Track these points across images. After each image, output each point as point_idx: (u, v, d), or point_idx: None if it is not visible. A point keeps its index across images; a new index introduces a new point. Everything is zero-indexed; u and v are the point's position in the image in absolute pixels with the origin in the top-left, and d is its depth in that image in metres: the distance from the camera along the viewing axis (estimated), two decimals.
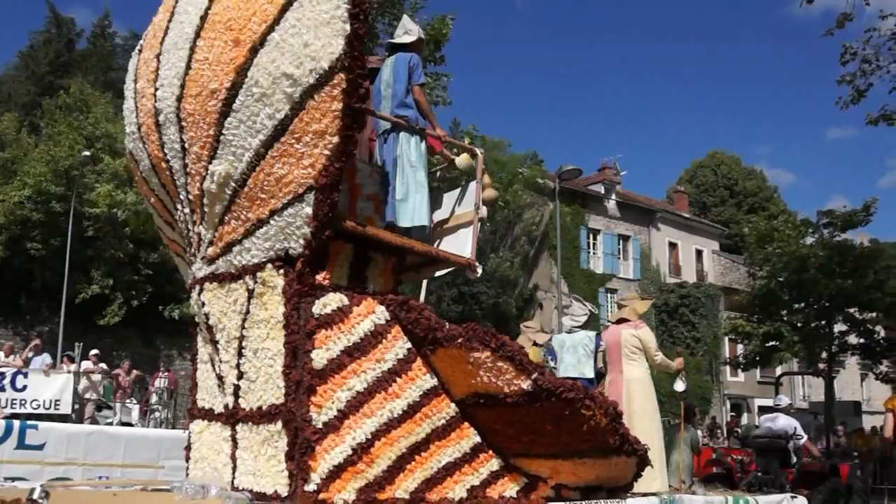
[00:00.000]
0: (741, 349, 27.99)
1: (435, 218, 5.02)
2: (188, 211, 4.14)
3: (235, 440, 4.12)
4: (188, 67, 3.84)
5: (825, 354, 22.97)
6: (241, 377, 4.03)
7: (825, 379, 23.16)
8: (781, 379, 25.23)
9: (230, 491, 3.72)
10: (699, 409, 28.52)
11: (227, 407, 4.18)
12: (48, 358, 16.64)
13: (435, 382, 4.08)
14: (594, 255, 39.01)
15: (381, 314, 3.92)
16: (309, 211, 3.69)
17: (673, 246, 42.25)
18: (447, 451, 4.10)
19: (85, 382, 16.05)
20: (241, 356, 4.01)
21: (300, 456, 3.59)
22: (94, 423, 14.34)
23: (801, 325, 23.15)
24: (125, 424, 15.11)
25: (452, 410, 4.14)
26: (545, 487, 4.51)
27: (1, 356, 15.88)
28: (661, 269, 41.01)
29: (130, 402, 17.54)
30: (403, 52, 4.98)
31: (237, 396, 4.07)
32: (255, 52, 3.65)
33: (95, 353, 17.27)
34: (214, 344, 4.19)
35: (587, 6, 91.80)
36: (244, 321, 3.97)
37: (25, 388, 14.30)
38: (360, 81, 3.63)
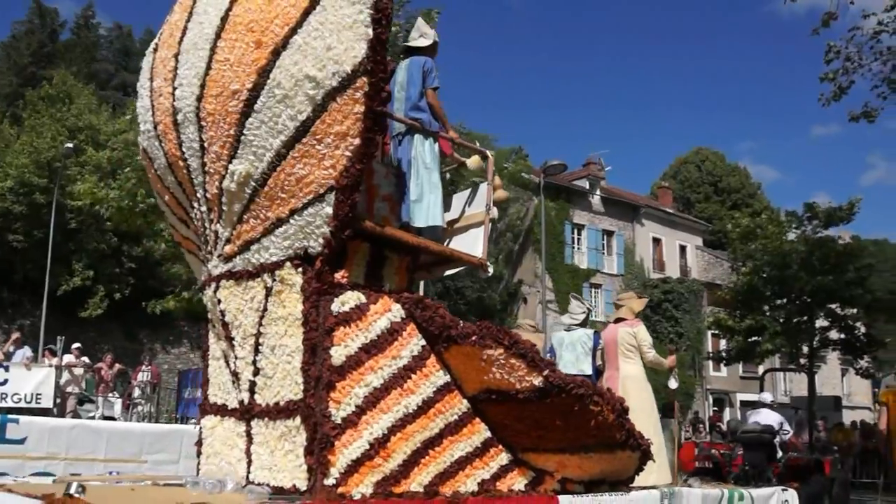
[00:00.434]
0: (724, 344, 28.27)
1: (445, 218, 5.10)
2: (205, 209, 4.19)
3: (250, 435, 4.19)
4: (208, 68, 3.89)
5: (807, 350, 23.27)
6: (257, 373, 4.09)
7: (807, 374, 23.47)
8: (762, 372, 25.47)
9: (252, 485, 3.77)
10: (682, 404, 28.83)
11: (242, 403, 4.24)
12: (29, 351, 16.49)
13: (448, 379, 4.17)
14: (578, 250, 39.24)
15: (396, 312, 4.00)
16: (329, 211, 3.76)
17: (657, 241, 42.58)
18: (459, 445, 4.20)
19: (67, 376, 15.97)
20: (257, 353, 4.07)
21: (320, 451, 3.66)
22: (75, 417, 14.19)
23: (782, 320, 23.42)
24: (107, 418, 15.00)
25: (464, 406, 4.23)
26: (551, 481, 4.61)
27: None
28: (644, 264, 41.35)
29: (113, 395, 17.38)
30: (418, 55, 5.07)
31: (253, 392, 4.14)
32: (277, 54, 3.71)
33: (77, 346, 17.15)
34: (230, 340, 4.25)
35: (575, 3, 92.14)
36: (261, 318, 4.03)
37: (6, 381, 14.19)
38: (381, 85, 3.72)
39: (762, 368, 27.90)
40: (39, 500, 2.76)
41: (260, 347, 4.06)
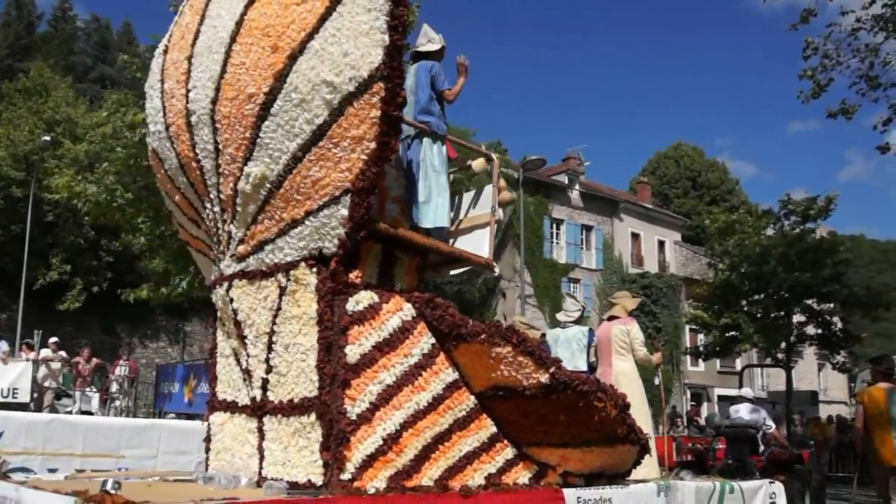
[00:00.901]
0: (702, 339, 28.59)
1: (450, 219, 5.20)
2: (219, 210, 4.25)
3: (262, 432, 4.27)
4: (223, 71, 3.94)
5: (784, 345, 23.59)
6: (269, 371, 4.17)
7: (784, 369, 23.81)
8: (741, 368, 25.86)
9: (270, 481, 3.85)
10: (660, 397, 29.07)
11: (253, 400, 4.32)
12: (6, 345, 16.37)
13: (456, 376, 4.28)
14: (557, 245, 39.38)
15: (408, 311, 4.10)
16: (345, 213, 3.84)
17: (635, 236, 42.87)
18: (467, 440, 4.31)
19: (44, 370, 15.88)
20: (270, 350, 4.15)
21: (336, 446, 3.76)
22: (52, 411, 14.11)
23: (760, 315, 23.70)
24: (85, 413, 14.94)
25: (472, 402, 4.35)
26: (554, 474, 4.74)
27: None
28: (623, 259, 41.59)
29: (90, 390, 17.27)
30: (426, 59, 5.15)
31: (265, 389, 4.21)
32: (294, 58, 3.78)
33: (55, 340, 17.04)
34: (242, 339, 4.32)
35: None
36: (275, 317, 4.11)
37: None
38: (397, 90, 3.80)
39: (740, 363, 28.23)
40: (73, 497, 2.81)
41: (273, 345, 4.13)
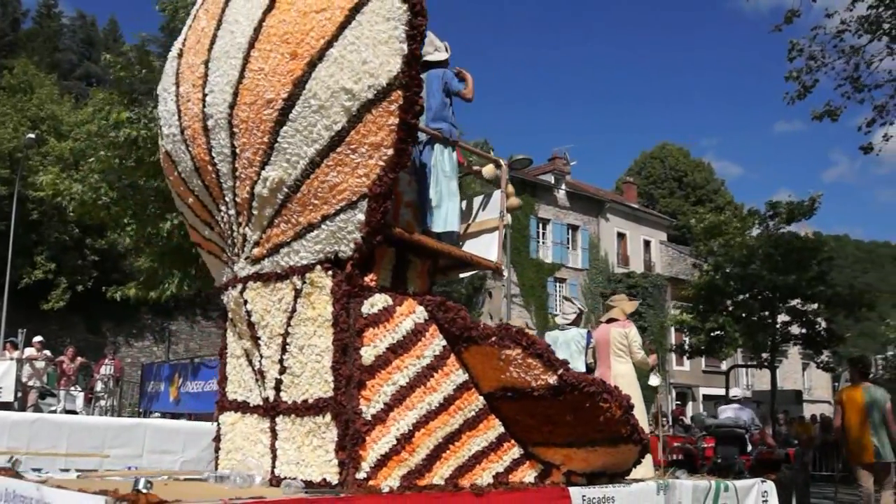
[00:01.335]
0: (687, 340, 28.82)
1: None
2: (234, 213, 4.32)
3: (275, 431, 4.34)
4: (242, 76, 4.00)
5: (769, 344, 23.82)
6: (283, 371, 4.24)
7: (769, 369, 24.05)
8: (727, 369, 26.10)
9: (288, 480, 3.93)
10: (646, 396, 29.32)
11: (266, 400, 4.39)
12: None
13: (466, 377, 4.37)
14: (543, 244, 39.54)
15: (420, 314, 4.19)
16: (361, 217, 3.93)
17: (621, 236, 43.14)
18: (476, 440, 4.41)
19: (28, 369, 15.81)
20: (284, 352, 4.22)
21: (352, 446, 3.84)
22: (37, 411, 14.08)
23: (745, 315, 23.92)
24: (69, 412, 14.91)
25: (481, 403, 4.44)
26: (558, 473, 4.84)
27: None
28: (609, 258, 41.85)
29: (75, 389, 17.17)
30: (434, 68, 5.25)
31: (279, 390, 4.28)
32: (313, 65, 3.84)
33: (39, 339, 16.99)
34: (255, 340, 4.39)
35: None
36: (289, 319, 4.18)
37: None
38: (415, 98, 3.88)
39: (725, 364, 28.45)
40: (102, 496, 2.86)
41: (287, 347, 4.20)
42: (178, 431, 8.41)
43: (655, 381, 7.90)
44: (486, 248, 5.33)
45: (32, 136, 26.04)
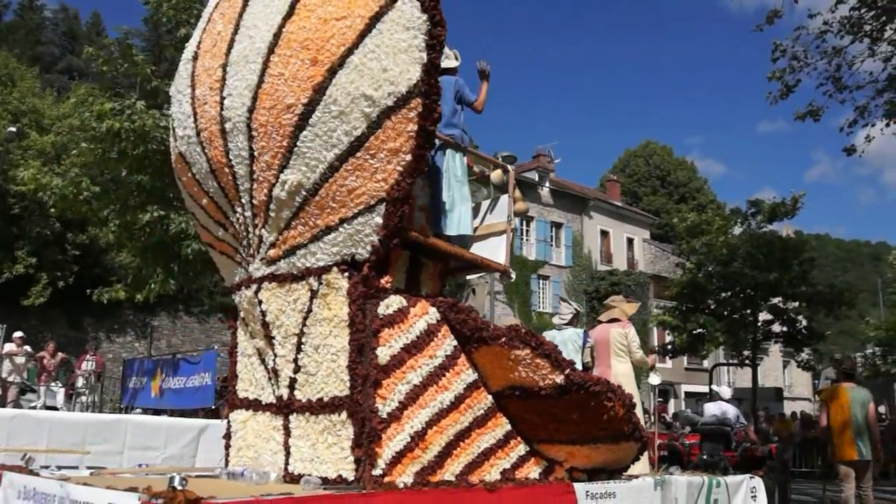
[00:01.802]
0: (669, 338, 29.10)
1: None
2: (250, 214, 4.39)
3: (288, 429, 4.43)
4: (261, 81, 4.08)
5: (750, 342, 24.12)
6: (297, 370, 4.33)
7: (750, 366, 24.36)
8: (711, 367, 26.37)
9: (307, 477, 4.01)
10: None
11: (280, 398, 4.48)
12: None
13: (476, 376, 4.49)
14: (527, 241, 39.70)
15: (433, 315, 4.30)
16: (379, 221, 4.03)
17: (605, 234, 43.41)
18: (485, 437, 4.53)
19: (8, 365, 15.80)
20: (299, 351, 4.31)
21: (368, 443, 3.94)
22: (17, 406, 14.08)
23: (726, 313, 24.20)
24: (49, 408, 14.90)
25: (490, 401, 4.57)
26: (561, 469, 4.98)
27: None
28: (592, 256, 42.11)
29: (55, 385, 17.21)
30: (444, 74, 5.35)
31: (293, 388, 4.37)
32: (334, 72, 3.93)
33: (20, 335, 16.93)
34: (269, 339, 4.47)
35: None
36: (305, 319, 4.27)
37: None
38: (434, 106, 3.98)
39: (707, 361, 28.72)
40: (135, 493, 2.94)
41: (302, 346, 4.29)
42: (159, 428, 8.41)
43: (656, 379, 8.08)
44: (493, 250, 5.47)
45: (13, 129, 25.82)
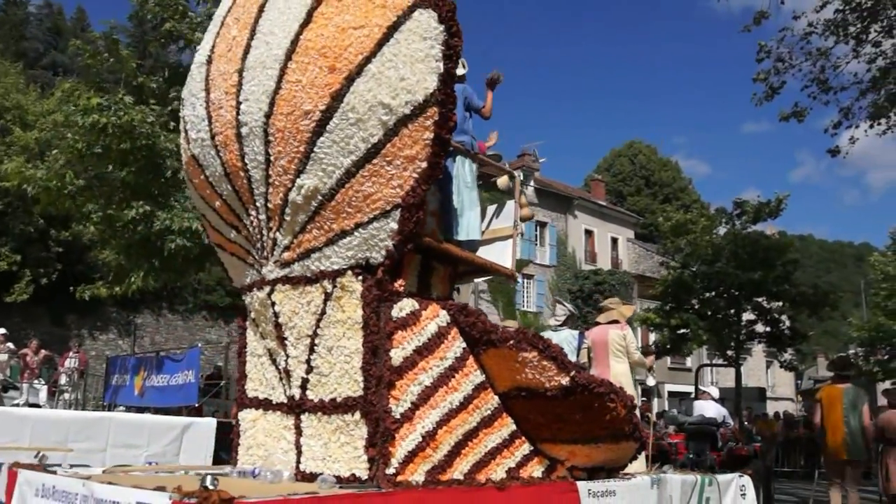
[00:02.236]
0: (653, 337, 29.32)
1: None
2: (264, 217, 4.47)
3: (300, 428, 4.52)
4: (278, 87, 4.15)
5: (734, 342, 24.38)
6: (310, 371, 4.42)
7: (734, 366, 24.63)
8: (695, 368, 26.63)
9: (323, 475, 4.11)
10: None
11: (291, 398, 4.56)
12: None
13: (484, 377, 4.60)
14: None
15: (444, 318, 4.41)
16: (394, 226, 4.13)
17: (589, 233, 43.60)
18: (492, 437, 4.65)
19: None
20: (312, 352, 4.40)
21: (382, 443, 4.04)
22: None
23: (710, 312, 24.44)
24: (32, 406, 14.85)
25: (496, 402, 4.69)
26: (562, 468, 5.10)
27: None
28: (577, 255, 42.28)
29: (38, 382, 17.05)
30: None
31: (305, 388, 4.46)
32: (351, 80, 4.02)
33: (2, 332, 16.85)
34: (282, 340, 4.56)
35: None
36: (318, 321, 4.36)
37: None
38: (450, 114, 4.08)
39: (691, 361, 28.97)
40: (166, 493, 3.01)
41: (315, 347, 4.38)
42: (142, 425, 8.38)
43: (652, 381, 8.25)
44: (499, 254, 5.61)
45: None
